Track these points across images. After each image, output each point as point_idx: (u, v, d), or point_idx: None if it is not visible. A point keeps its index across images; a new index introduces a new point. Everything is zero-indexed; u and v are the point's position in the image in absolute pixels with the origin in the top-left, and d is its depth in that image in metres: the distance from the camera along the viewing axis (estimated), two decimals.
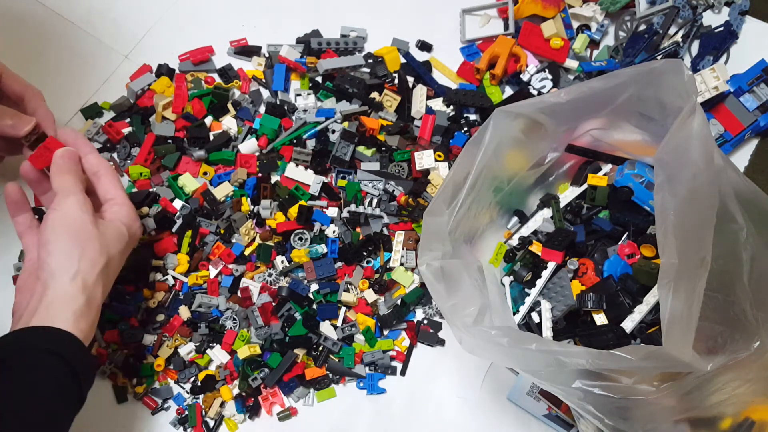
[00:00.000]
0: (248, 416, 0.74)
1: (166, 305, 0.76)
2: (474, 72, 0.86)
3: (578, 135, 0.74)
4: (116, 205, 0.67)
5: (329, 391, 0.75)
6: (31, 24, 0.88)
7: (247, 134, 0.83)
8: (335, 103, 0.84)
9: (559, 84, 0.85)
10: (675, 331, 0.53)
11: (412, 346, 0.77)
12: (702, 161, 0.56)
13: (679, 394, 0.56)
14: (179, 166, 0.81)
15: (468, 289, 0.64)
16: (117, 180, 0.68)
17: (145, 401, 0.74)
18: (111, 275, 0.64)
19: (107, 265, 0.63)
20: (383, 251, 0.78)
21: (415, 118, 0.84)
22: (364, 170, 0.80)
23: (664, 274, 0.57)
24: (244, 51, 0.87)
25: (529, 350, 0.56)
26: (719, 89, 0.79)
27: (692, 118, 0.58)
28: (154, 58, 0.86)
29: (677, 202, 0.58)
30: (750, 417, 0.61)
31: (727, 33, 0.86)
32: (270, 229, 0.78)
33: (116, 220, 0.66)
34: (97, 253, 0.62)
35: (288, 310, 0.76)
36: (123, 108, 0.84)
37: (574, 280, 0.72)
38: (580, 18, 0.88)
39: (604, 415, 0.59)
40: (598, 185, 0.74)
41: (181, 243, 0.77)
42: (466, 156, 0.67)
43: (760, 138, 0.84)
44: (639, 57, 0.84)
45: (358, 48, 0.87)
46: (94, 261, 0.61)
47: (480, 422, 0.75)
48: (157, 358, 0.75)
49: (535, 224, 0.76)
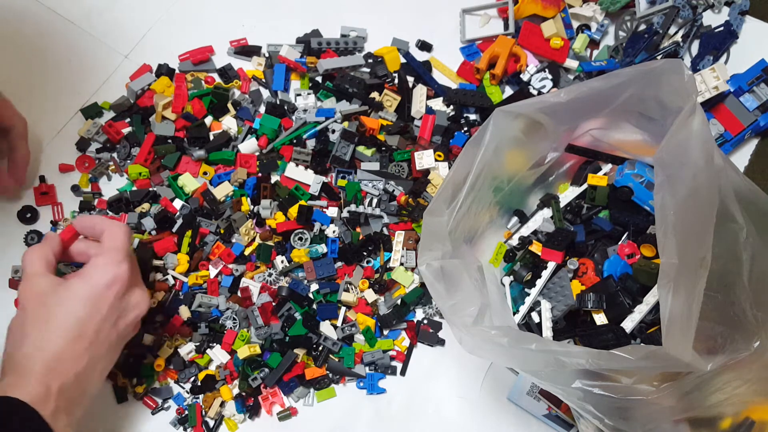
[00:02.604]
0: (248, 416, 0.74)
1: (166, 305, 0.76)
2: (474, 72, 0.86)
3: (578, 135, 0.74)
4: (94, 257, 0.65)
5: (329, 391, 0.75)
6: (30, 23, 0.88)
7: (247, 134, 0.83)
8: (335, 103, 0.84)
9: (559, 84, 0.85)
10: (675, 331, 0.53)
11: (412, 346, 0.77)
12: (702, 161, 0.56)
13: (679, 394, 0.56)
14: (179, 166, 0.81)
15: (468, 289, 0.64)
16: (113, 234, 0.66)
17: (145, 401, 0.74)
18: (67, 331, 0.61)
19: (49, 326, 0.61)
20: (383, 251, 0.78)
21: (415, 118, 0.84)
22: (364, 170, 0.80)
23: (664, 274, 0.57)
24: (244, 51, 0.87)
25: (529, 350, 0.56)
26: (719, 89, 0.79)
27: (692, 118, 0.58)
28: (154, 58, 0.86)
29: (677, 202, 0.58)
30: (750, 417, 0.61)
31: (727, 33, 0.86)
32: (270, 229, 0.78)
33: (80, 274, 0.64)
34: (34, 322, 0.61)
35: (288, 310, 0.76)
36: (123, 108, 0.84)
37: (574, 280, 0.72)
38: (580, 18, 0.88)
39: (604, 415, 0.59)
40: (598, 185, 0.74)
41: (181, 243, 0.77)
42: (466, 156, 0.67)
43: (760, 138, 0.84)
44: (639, 57, 0.84)
45: (358, 48, 0.87)
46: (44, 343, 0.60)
47: (480, 422, 0.75)
48: (157, 358, 0.75)
49: (535, 224, 0.76)
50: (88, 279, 0.63)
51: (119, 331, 0.64)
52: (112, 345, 0.64)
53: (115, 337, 0.64)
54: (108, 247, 0.65)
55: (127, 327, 0.65)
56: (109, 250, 0.64)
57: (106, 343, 0.63)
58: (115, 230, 0.66)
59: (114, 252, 0.64)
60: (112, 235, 0.65)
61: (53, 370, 0.59)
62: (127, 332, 0.66)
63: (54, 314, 0.61)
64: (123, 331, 0.65)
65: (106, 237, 0.65)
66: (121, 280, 0.64)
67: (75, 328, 0.61)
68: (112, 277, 0.63)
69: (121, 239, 0.65)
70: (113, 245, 0.65)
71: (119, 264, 0.64)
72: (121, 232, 0.66)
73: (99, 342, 0.62)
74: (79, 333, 0.61)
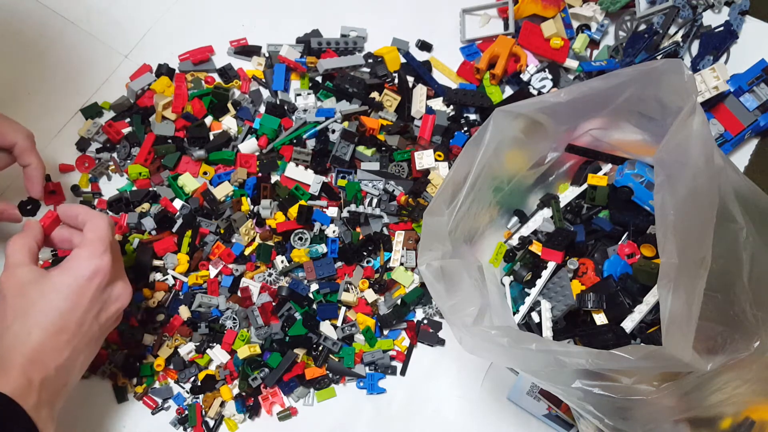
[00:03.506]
0: (248, 416, 0.74)
1: (166, 305, 0.76)
2: (474, 72, 0.86)
3: (578, 135, 0.74)
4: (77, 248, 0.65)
5: (329, 391, 0.75)
6: (30, 24, 0.88)
7: (247, 134, 0.83)
8: (335, 103, 0.84)
9: (559, 84, 0.85)
10: (675, 331, 0.53)
11: (412, 346, 0.77)
12: (702, 161, 0.56)
13: (679, 394, 0.56)
14: (179, 166, 0.81)
15: (468, 289, 0.64)
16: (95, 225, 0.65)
17: (145, 401, 0.74)
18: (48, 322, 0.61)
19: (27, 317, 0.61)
20: (383, 251, 0.78)
21: (415, 118, 0.84)
22: (364, 170, 0.80)
23: (664, 274, 0.57)
24: (244, 51, 0.87)
25: (529, 350, 0.56)
26: (719, 89, 0.79)
27: (692, 118, 0.57)
28: (154, 58, 0.86)
29: (677, 202, 0.58)
30: (750, 417, 0.61)
31: (727, 33, 0.86)
32: (270, 229, 0.78)
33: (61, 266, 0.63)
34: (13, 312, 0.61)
35: (288, 310, 0.76)
36: (123, 108, 0.84)
37: (574, 280, 0.72)
38: (580, 18, 0.88)
39: (604, 415, 0.59)
40: (598, 185, 0.74)
41: (181, 243, 0.77)
42: (466, 156, 0.67)
43: (760, 138, 0.84)
44: (639, 57, 0.84)
45: (358, 48, 0.87)
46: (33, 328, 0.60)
47: (480, 422, 0.75)
48: (157, 358, 0.75)
49: (535, 224, 0.76)
50: (71, 271, 0.62)
51: (101, 323, 0.64)
52: (94, 337, 0.64)
53: (96, 329, 0.64)
54: (90, 238, 0.64)
55: (108, 319, 0.65)
56: (92, 241, 0.64)
57: (88, 336, 0.63)
58: (97, 221, 0.65)
59: (96, 243, 0.64)
60: (94, 226, 0.65)
61: (35, 363, 0.59)
62: (108, 324, 0.65)
63: (36, 306, 0.61)
64: (105, 323, 0.65)
65: (89, 228, 0.65)
66: (103, 272, 0.63)
67: (57, 320, 0.61)
68: (94, 269, 0.63)
69: (104, 230, 0.65)
70: (95, 236, 0.64)
71: (101, 256, 0.63)
72: (103, 223, 0.65)
73: (81, 334, 0.62)
74: (62, 326, 0.61)
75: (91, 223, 0.65)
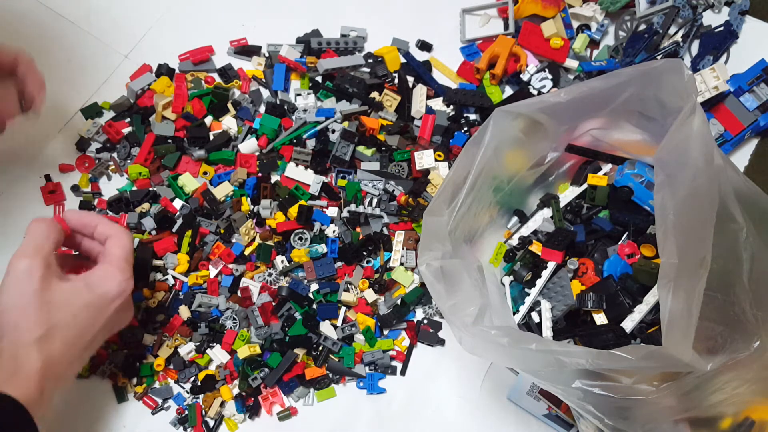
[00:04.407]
0: (248, 416, 0.74)
1: (166, 305, 0.76)
2: (474, 72, 0.86)
3: (578, 135, 0.74)
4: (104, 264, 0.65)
5: (329, 391, 0.75)
6: (31, 24, 0.88)
7: (247, 134, 0.83)
8: (335, 103, 0.84)
9: (559, 84, 0.85)
10: (675, 331, 0.53)
11: (412, 346, 0.77)
12: (702, 161, 0.56)
13: (679, 394, 0.56)
14: (179, 166, 0.81)
15: (468, 289, 0.64)
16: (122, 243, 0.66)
17: (145, 401, 0.74)
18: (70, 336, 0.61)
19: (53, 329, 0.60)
20: (383, 251, 0.78)
21: (415, 118, 0.84)
22: (364, 170, 0.80)
23: (664, 274, 0.57)
24: (244, 51, 0.87)
25: (529, 350, 0.56)
26: (719, 89, 0.79)
27: (692, 118, 0.58)
28: (154, 58, 0.86)
29: (677, 202, 0.58)
30: (750, 417, 0.61)
31: (727, 33, 0.86)
32: (270, 229, 0.78)
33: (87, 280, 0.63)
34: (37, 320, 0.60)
35: (288, 310, 0.76)
36: (123, 108, 0.84)
37: (574, 279, 0.72)
38: (580, 18, 0.88)
39: (604, 415, 0.59)
40: (598, 185, 0.74)
41: (181, 243, 0.77)
42: (466, 156, 0.67)
43: (760, 138, 0.84)
44: (639, 57, 0.84)
45: (358, 48, 0.87)
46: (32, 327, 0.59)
47: (480, 422, 0.75)
48: (157, 357, 0.75)
49: (535, 224, 0.76)
50: (97, 288, 0.63)
51: (102, 339, 0.66)
52: (93, 351, 0.66)
53: (98, 344, 0.65)
54: (117, 255, 0.65)
55: (108, 336, 0.67)
56: (119, 260, 0.65)
57: (92, 350, 0.65)
58: (123, 239, 0.66)
59: (123, 263, 0.65)
60: (121, 242, 0.65)
61: (50, 373, 0.59)
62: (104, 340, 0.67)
63: (60, 315, 0.61)
64: (103, 339, 0.66)
65: (115, 244, 0.65)
66: (125, 296, 0.65)
67: (77, 334, 0.62)
68: (119, 292, 0.64)
69: (130, 249, 0.66)
70: (123, 255, 0.65)
71: (128, 280, 0.65)
72: (129, 242, 0.66)
73: (90, 349, 0.64)
74: (79, 339, 0.62)
75: (118, 239, 0.66)
